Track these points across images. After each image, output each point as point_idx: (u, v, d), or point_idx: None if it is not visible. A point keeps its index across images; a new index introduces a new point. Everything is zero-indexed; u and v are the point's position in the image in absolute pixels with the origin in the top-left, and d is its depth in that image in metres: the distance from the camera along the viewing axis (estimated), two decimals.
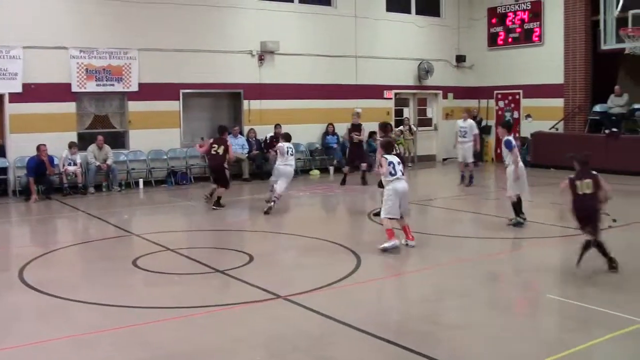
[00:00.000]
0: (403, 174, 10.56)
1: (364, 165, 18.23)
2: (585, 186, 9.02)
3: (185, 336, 6.58)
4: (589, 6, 21.15)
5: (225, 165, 14.82)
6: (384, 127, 12.88)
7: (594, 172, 9.13)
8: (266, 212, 13.59)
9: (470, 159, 17.35)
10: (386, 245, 10.10)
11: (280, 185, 13.85)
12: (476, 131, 17.55)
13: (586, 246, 8.88)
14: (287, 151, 13.99)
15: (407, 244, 10.51)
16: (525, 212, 12.29)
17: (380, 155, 10.83)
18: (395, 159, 10.62)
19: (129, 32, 17.85)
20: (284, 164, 13.97)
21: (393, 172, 10.44)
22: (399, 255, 10.50)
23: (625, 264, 9.71)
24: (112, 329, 6.74)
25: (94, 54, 17.45)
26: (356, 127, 19.24)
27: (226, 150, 14.69)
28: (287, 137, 14.46)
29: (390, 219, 10.33)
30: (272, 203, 13.73)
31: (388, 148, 10.89)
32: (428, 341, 6.38)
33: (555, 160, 20.53)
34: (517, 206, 12.24)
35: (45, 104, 16.76)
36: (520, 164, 12.35)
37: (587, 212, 8.97)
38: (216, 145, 14.77)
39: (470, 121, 17.75)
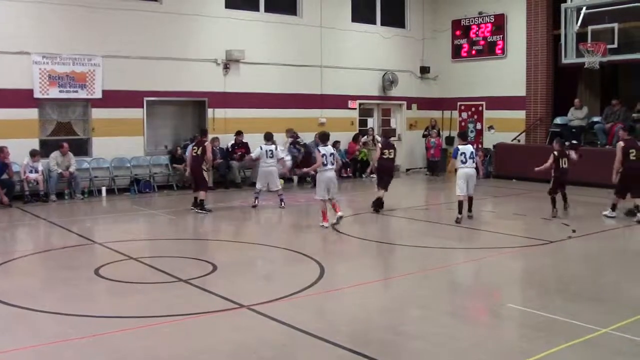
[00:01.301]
0: (333, 165, 13.06)
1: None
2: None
3: (149, 346, 6.54)
4: (551, 21, 21.56)
5: (203, 167, 15.19)
6: (323, 137, 13.70)
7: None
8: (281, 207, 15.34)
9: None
10: (323, 224, 12.89)
11: (274, 184, 15.27)
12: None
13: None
14: (266, 154, 15.24)
15: (339, 217, 12.85)
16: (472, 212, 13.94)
17: (316, 149, 13.25)
18: (328, 151, 13.04)
19: (93, 38, 17.69)
20: (266, 166, 15.37)
21: (325, 162, 12.95)
22: (362, 264, 10.60)
23: (584, 273, 9.91)
24: (76, 339, 6.67)
25: (57, 59, 17.26)
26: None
27: (204, 152, 14.86)
28: (267, 137, 15.49)
29: (322, 200, 12.96)
30: (282, 203, 15.42)
31: (323, 140, 13.30)
32: (390, 351, 6.43)
33: (518, 171, 20.87)
34: (460, 205, 13.65)
35: (6, 110, 16.51)
36: (466, 170, 13.66)
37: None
38: (196, 147, 15.05)
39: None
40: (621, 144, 13.86)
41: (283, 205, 15.51)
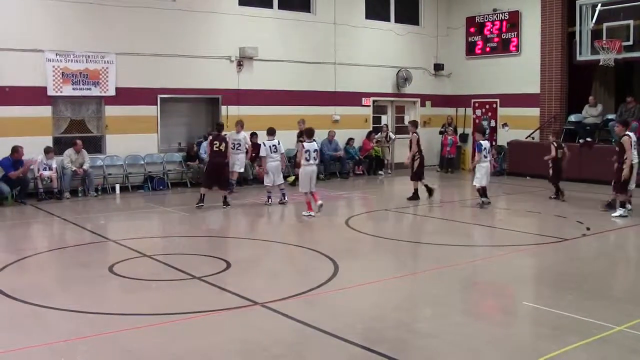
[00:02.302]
0: (315, 160, 13.94)
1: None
2: None
3: (162, 343, 6.56)
4: (566, 18, 21.42)
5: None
6: (308, 133, 14.49)
7: None
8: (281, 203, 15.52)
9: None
10: (304, 214, 13.73)
11: (279, 178, 15.41)
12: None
13: None
14: (270, 149, 15.21)
15: (320, 205, 13.86)
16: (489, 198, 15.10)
17: (300, 144, 14.18)
18: (312, 147, 13.78)
19: (106, 35, 17.75)
20: (271, 161, 15.32)
21: (308, 157, 13.73)
22: (376, 262, 10.59)
23: (598, 271, 9.86)
24: (89, 336, 6.70)
25: (70, 57, 17.32)
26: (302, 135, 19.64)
27: (226, 147, 15.01)
28: (270, 132, 15.40)
29: (305, 193, 13.87)
30: (284, 197, 15.53)
31: (308, 136, 14.02)
32: (404, 349, 6.41)
33: (531, 169, 20.78)
34: (482, 192, 15.00)
35: (20, 108, 16.60)
36: (487, 163, 15.04)
37: None
38: (217, 142, 15.15)
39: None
40: (627, 138, 13.53)
41: (285, 200, 15.55)
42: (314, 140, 14.47)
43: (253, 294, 8.08)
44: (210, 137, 15.49)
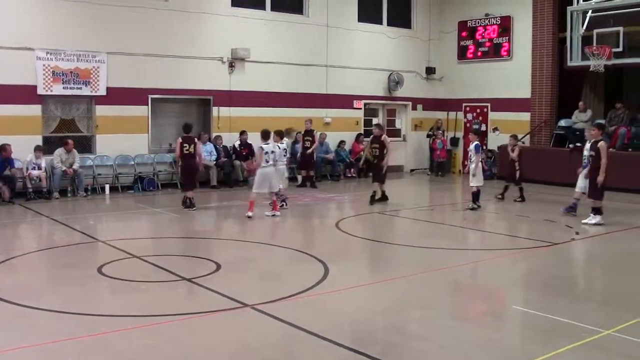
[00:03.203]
0: (274, 163, 13.98)
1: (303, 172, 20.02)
2: None
3: (151, 345, 6.53)
4: (557, 24, 21.52)
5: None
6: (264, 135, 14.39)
7: None
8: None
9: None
10: (249, 213, 13.76)
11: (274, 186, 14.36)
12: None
13: None
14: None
15: (272, 215, 13.97)
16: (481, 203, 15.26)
17: (258, 146, 14.03)
18: (270, 149, 13.87)
19: (98, 34, 17.69)
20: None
21: (267, 159, 13.83)
22: (366, 265, 10.61)
23: (587, 275, 9.90)
24: (78, 338, 6.66)
25: (61, 56, 17.26)
26: (308, 133, 19.91)
27: (195, 149, 15.04)
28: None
29: (257, 193, 13.98)
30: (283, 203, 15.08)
31: (264, 138, 14.08)
32: (393, 352, 6.41)
33: (522, 173, 20.79)
34: (476, 196, 15.08)
35: (9, 106, 16.52)
36: (480, 165, 15.26)
37: None
38: (187, 145, 15.02)
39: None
40: (604, 144, 13.42)
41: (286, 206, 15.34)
42: (282, 142, 14.92)
43: (243, 296, 8.06)
44: (180, 140, 15.24)
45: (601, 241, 12.32)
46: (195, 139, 15.67)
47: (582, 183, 14.17)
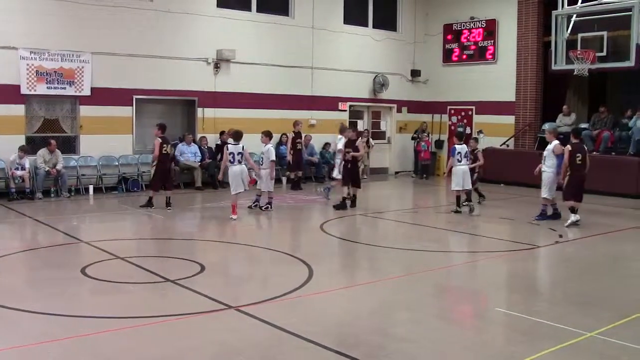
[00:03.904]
0: (240, 162, 13.94)
1: (299, 173, 20.04)
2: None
3: (135, 346, 6.50)
4: (542, 27, 21.67)
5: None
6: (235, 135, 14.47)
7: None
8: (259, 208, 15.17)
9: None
10: (233, 217, 13.78)
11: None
12: (340, 146, 17.37)
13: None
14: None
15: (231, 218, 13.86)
16: (461, 207, 15.18)
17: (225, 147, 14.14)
18: (236, 150, 13.92)
19: (82, 34, 17.59)
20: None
21: (232, 159, 13.89)
22: (351, 266, 10.62)
23: (570, 278, 9.95)
24: (61, 339, 6.62)
25: (45, 55, 17.14)
26: (298, 135, 20.02)
27: (172, 150, 15.31)
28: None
29: (235, 194, 13.94)
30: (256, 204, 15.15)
31: (234, 138, 14.19)
32: (378, 353, 6.42)
33: (506, 176, 20.94)
34: (458, 199, 15.17)
35: None
36: (461, 167, 15.04)
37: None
38: (166, 145, 15.28)
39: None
40: (569, 147, 13.81)
41: (255, 205, 15.34)
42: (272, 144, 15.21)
43: (227, 297, 8.05)
44: (160, 140, 15.25)
45: (584, 244, 12.39)
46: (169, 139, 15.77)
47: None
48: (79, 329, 6.93)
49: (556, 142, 14.40)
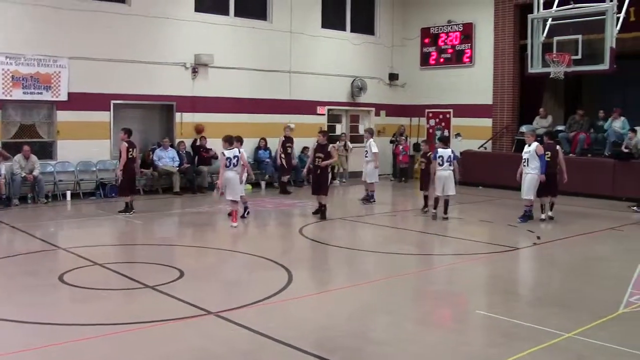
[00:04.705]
0: (235, 166, 13.61)
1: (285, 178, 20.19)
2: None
3: (115, 353, 6.47)
4: (518, 31, 21.84)
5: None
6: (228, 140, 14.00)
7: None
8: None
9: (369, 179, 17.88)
10: (233, 224, 13.54)
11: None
12: (375, 150, 17.81)
13: None
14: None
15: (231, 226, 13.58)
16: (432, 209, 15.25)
17: (221, 152, 13.76)
18: (232, 154, 13.59)
19: (59, 39, 17.45)
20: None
21: (228, 164, 13.56)
22: (330, 271, 10.63)
23: (548, 279, 10.04)
24: (39, 348, 6.55)
25: (21, 60, 16.99)
26: (288, 139, 20.20)
27: (135, 154, 15.49)
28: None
29: (232, 200, 13.65)
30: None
31: (229, 143, 13.74)
32: (357, 357, 6.44)
33: (484, 179, 21.07)
34: (436, 201, 14.98)
35: None
36: (442, 172, 14.75)
37: None
38: (132, 149, 15.28)
39: (370, 140, 18.05)
40: (541, 147, 14.56)
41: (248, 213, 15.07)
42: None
43: (206, 303, 8.02)
44: (127, 144, 15.18)
45: (562, 245, 12.50)
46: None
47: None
48: (57, 337, 6.88)
49: (536, 143, 14.61)
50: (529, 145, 14.62)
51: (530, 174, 14.44)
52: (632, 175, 17.73)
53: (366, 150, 18.04)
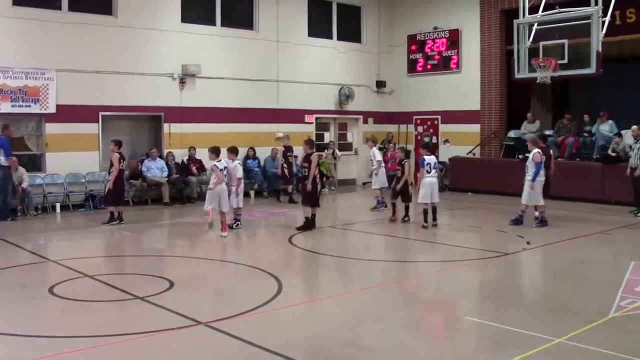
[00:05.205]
0: (225, 178, 13.62)
1: (289, 187, 20.07)
2: None
3: None
4: (504, 36, 21.94)
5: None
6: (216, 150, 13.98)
7: None
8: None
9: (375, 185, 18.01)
10: (222, 234, 13.45)
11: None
12: (379, 158, 17.99)
13: None
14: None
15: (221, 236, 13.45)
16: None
17: (213, 164, 13.65)
18: (222, 165, 13.48)
19: (46, 52, 17.45)
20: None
21: (223, 178, 13.41)
22: (320, 279, 10.63)
23: (538, 284, 10.07)
24: None
25: (9, 73, 16.97)
26: (289, 149, 20.15)
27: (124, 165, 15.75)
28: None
29: (223, 212, 13.49)
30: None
31: (215, 155, 13.71)
32: None
33: (473, 184, 21.16)
34: (425, 213, 14.76)
35: None
36: (430, 179, 14.72)
37: None
38: (122, 161, 15.41)
39: (374, 149, 18.25)
40: (538, 155, 14.80)
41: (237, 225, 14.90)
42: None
43: (197, 313, 8.01)
44: (118, 155, 15.32)
45: (551, 250, 12.54)
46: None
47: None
48: (48, 349, 6.85)
49: (535, 150, 14.77)
50: (530, 152, 14.84)
51: (528, 180, 14.56)
52: (620, 178, 17.82)
53: (371, 159, 18.21)
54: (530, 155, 14.75)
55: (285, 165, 20.10)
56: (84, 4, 18.34)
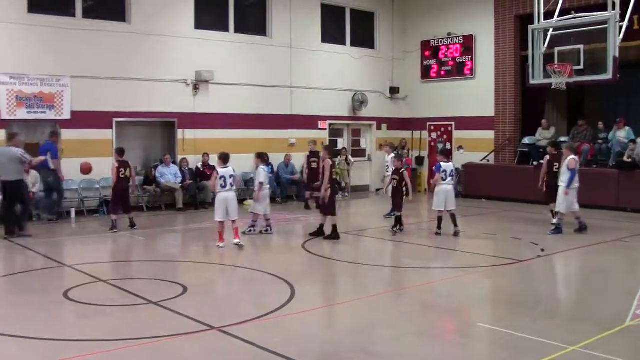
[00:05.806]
0: (232, 186, 12.93)
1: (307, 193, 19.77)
2: None
3: None
4: (519, 42, 21.88)
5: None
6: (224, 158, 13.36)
7: None
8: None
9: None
10: (219, 244, 12.94)
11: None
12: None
13: None
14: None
15: (236, 244, 12.97)
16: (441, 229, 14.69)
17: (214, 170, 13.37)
18: (227, 173, 12.83)
19: (61, 58, 17.57)
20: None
21: (223, 184, 12.80)
22: (333, 285, 10.61)
23: (553, 292, 10.00)
24: None
25: (25, 80, 17.10)
26: (314, 154, 19.46)
27: (131, 173, 15.53)
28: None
29: (218, 221, 12.94)
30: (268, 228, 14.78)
31: (223, 161, 13.08)
32: None
33: (487, 191, 21.07)
34: (440, 221, 14.61)
35: None
36: (445, 186, 14.62)
37: None
38: (123, 169, 15.28)
39: (392, 155, 18.01)
40: (547, 157, 15.49)
41: (250, 231, 14.81)
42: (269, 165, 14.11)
43: (210, 318, 8.02)
44: (117, 164, 15.34)
45: (566, 257, 12.47)
46: (129, 163, 15.81)
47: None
48: (60, 353, 6.88)
49: (571, 156, 14.73)
50: (565, 159, 14.79)
51: (562, 186, 14.56)
52: (637, 185, 17.68)
53: (387, 165, 18.03)
54: (566, 162, 14.62)
55: (307, 171, 19.79)
56: (98, 11, 18.49)
